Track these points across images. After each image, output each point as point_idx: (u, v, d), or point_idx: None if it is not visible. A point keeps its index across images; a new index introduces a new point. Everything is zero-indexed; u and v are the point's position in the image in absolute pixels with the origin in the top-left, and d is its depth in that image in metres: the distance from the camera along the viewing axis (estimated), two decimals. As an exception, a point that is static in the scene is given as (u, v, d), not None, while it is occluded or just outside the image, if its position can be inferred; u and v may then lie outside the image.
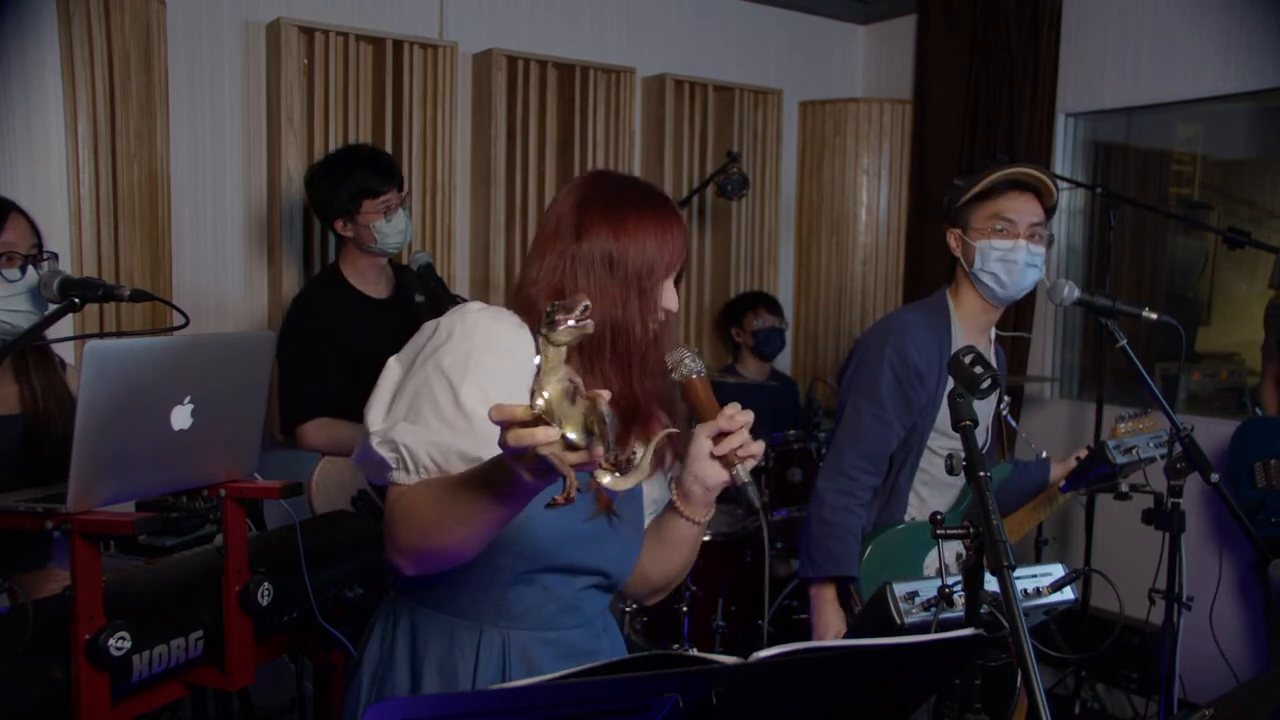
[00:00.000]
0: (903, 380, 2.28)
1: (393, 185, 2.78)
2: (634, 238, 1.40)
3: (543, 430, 1.02)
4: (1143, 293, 4.25)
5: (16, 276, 1.90)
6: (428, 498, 1.27)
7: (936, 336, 2.33)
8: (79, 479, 1.47)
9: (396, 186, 2.79)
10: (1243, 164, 4.31)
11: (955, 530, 1.51)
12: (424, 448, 1.30)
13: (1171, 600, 2.33)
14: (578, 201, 1.43)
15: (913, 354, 2.29)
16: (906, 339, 2.31)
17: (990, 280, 2.31)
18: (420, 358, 1.38)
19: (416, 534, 1.27)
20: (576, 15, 4.03)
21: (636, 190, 1.46)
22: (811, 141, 4.67)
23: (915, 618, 1.76)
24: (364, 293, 2.84)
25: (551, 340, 1.03)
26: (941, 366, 2.28)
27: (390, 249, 2.81)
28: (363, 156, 2.83)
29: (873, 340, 2.36)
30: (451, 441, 1.30)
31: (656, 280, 1.42)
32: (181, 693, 1.77)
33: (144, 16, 2.96)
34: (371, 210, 2.74)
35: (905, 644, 0.98)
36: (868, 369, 2.32)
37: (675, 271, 1.46)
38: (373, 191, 2.74)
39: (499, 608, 1.40)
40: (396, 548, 1.30)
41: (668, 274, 1.44)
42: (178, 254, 3.24)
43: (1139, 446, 2.61)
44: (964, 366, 1.66)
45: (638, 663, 0.90)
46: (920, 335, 2.32)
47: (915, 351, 2.29)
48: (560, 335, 1.03)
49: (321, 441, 2.70)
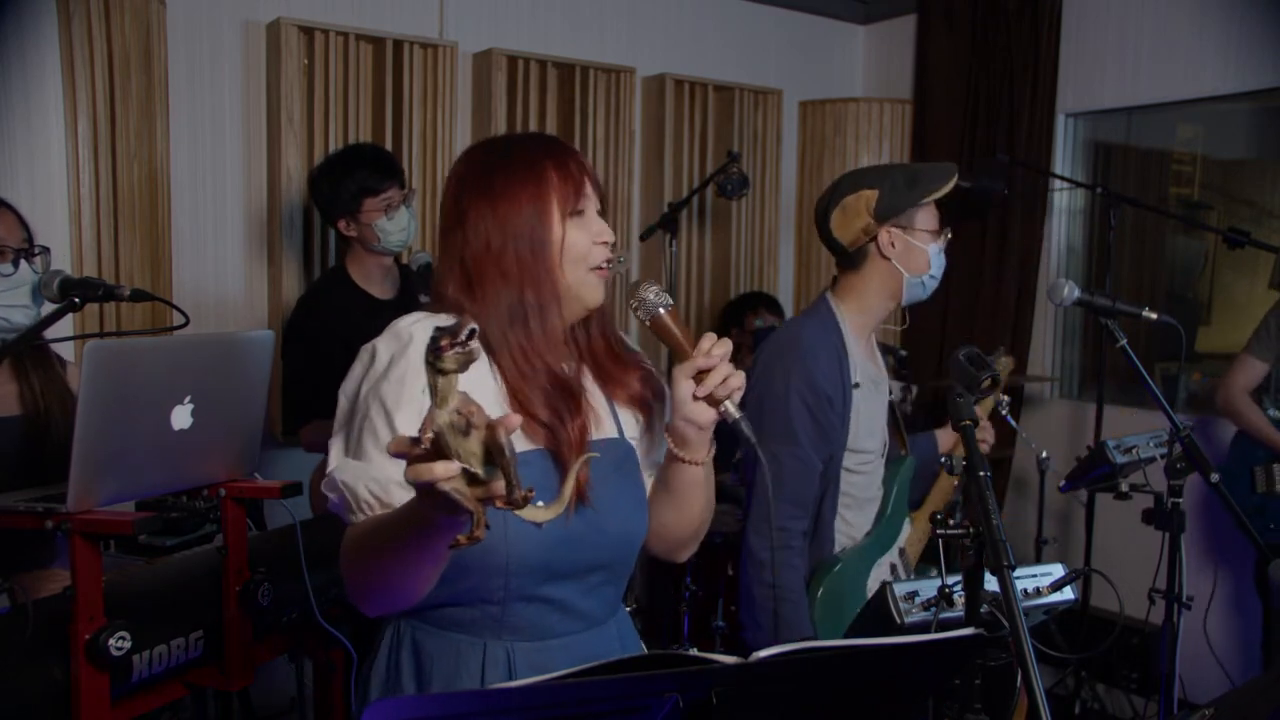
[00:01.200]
0: (815, 411, 2.10)
1: (393, 183, 2.77)
2: (511, 204, 1.35)
3: (440, 465, 0.95)
4: (1143, 293, 4.25)
5: (9, 271, 1.90)
6: (362, 538, 1.24)
7: (835, 351, 2.17)
8: (79, 479, 1.47)
9: (397, 184, 2.79)
10: (1243, 164, 4.31)
11: (955, 530, 1.51)
12: (363, 484, 1.26)
13: (1171, 600, 2.33)
14: (454, 189, 1.41)
15: (820, 379, 2.11)
16: (810, 364, 2.12)
17: (928, 285, 2.21)
18: (362, 387, 1.33)
19: (359, 574, 1.25)
20: (576, 15, 4.03)
21: (507, 150, 1.41)
22: (811, 141, 4.67)
23: (915, 618, 1.76)
24: (370, 293, 2.83)
25: (438, 368, 0.97)
26: (844, 382, 2.16)
27: (393, 247, 2.80)
28: (363, 155, 2.83)
29: (774, 372, 2.15)
30: (391, 473, 1.24)
31: (549, 234, 1.35)
32: (181, 693, 1.77)
33: (144, 16, 2.96)
34: (373, 208, 2.74)
35: (905, 644, 0.98)
36: (776, 407, 2.11)
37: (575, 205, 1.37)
38: (373, 189, 2.73)
39: (499, 623, 1.35)
40: (349, 589, 1.28)
41: (567, 214, 1.36)
42: (178, 254, 3.24)
43: (1139, 446, 2.61)
44: (964, 366, 1.66)
45: (638, 663, 0.90)
46: (822, 356, 2.14)
47: (821, 375, 2.12)
48: (446, 363, 0.96)
49: (322, 442, 2.71)
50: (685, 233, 4.24)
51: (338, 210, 2.76)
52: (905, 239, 2.18)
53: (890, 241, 2.18)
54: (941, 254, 2.22)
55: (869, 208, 2.18)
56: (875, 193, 2.18)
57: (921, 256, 2.19)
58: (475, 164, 1.40)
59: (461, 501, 0.97)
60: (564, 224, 1.36)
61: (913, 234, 2.19)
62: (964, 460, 1.47)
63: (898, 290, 2.22)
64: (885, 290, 2.22)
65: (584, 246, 1.37)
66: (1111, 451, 2.66)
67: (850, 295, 2.25)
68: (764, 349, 2.24)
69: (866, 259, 2.21)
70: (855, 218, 2.19)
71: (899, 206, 2.17)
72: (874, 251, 2.20)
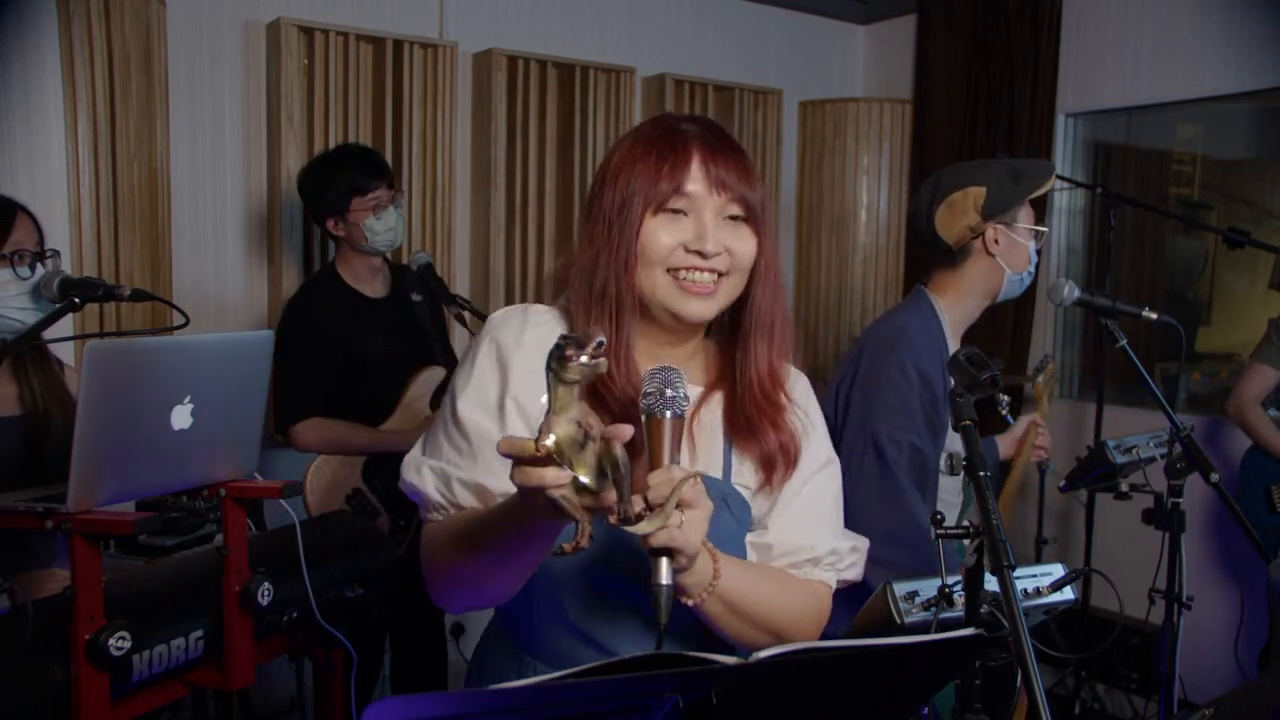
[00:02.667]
0: (924, 401, 2.07)
1: (381, 182, 2.78)
2: (620, 172, 1.23)
3: (552, 471, 0.94)
4: (1143, 293, 4.25)
5: (28, 274, 1.92)
6: (448, 536, 1.21)
7: (937, 345, 2.16)
8: (79, 479, 1.47)
9: (385, 184, 2.79)
10: (1243, 164, 4.31)
11: (955, 530, 1.51)
12: (431, 483, 1.23)
13: (1171, 600, 2.33)
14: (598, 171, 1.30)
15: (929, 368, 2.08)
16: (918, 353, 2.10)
17: (1025, 281, 2.22)
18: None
19: (443, 569, 1.21)
20: (576, 15, 4.03)
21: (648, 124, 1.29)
22: (811, 141, 4.67)
23: (915, 618, 1.76)
24: (360, 292, 2.84)
25: (561, 379, 0.93)
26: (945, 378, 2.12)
27: (381, 247, 2.80)
28: (351, 155, 2.85)
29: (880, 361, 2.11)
30: (454, 469, 1.21)
31: (633, 213, 1.20)
32: (181, 693, 1.77)
33: (144, 16, 2.96)
34: (360, 207, 2.74)
35: (905, 644, 0.98)
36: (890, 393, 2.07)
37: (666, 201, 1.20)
38: (360, 188, 2.74)
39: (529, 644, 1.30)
40: (429, 587, 1.25)
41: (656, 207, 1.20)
42: (178, 254, 3.24)
43: (1139, 446, 2.61)
44: (964, 366, 1.65)
45: (638, 663, 0.90)
46: (925, 349, 2.11)
47: (930, 366, 2.09)
48: (570, 373, 0.93)
49: (315, 441, 2.71)
50: (685, 233, 4.24)
51: (326, 210, 2.78)
52: (1010, 235, 2.18)
53: (995, 238, 2.18)
54: (1034, 250, 2.23)
55: (977, 205, 2.17)
56: (983, 190, 2.17)
57: (1023, 253, 2.20)
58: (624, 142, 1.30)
59: (569, 509, 0.96)
60: (645, 216, 1.21)
61: (1016, 231, 2.18)
62: (964, 460, 1.47)
63: (997, 287, 2.22)
64: (985, 287, 2.23)
65: (661, 248, 1.21)
66: (1111, 451, 2.65)
67: (949, 291, 2.24)
68: (868, 341, 2.21)
69: (969, 256, 2.21)
70: (962, 215, 2.18)
71: (1007, 204, 2.16)
72: (979, 248, 2.20)
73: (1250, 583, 3.40)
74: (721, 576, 1.14)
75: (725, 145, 1.24)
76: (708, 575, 1.13)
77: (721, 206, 1.23)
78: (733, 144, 1.26)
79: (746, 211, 1.24)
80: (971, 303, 2.25)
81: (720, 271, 1.23)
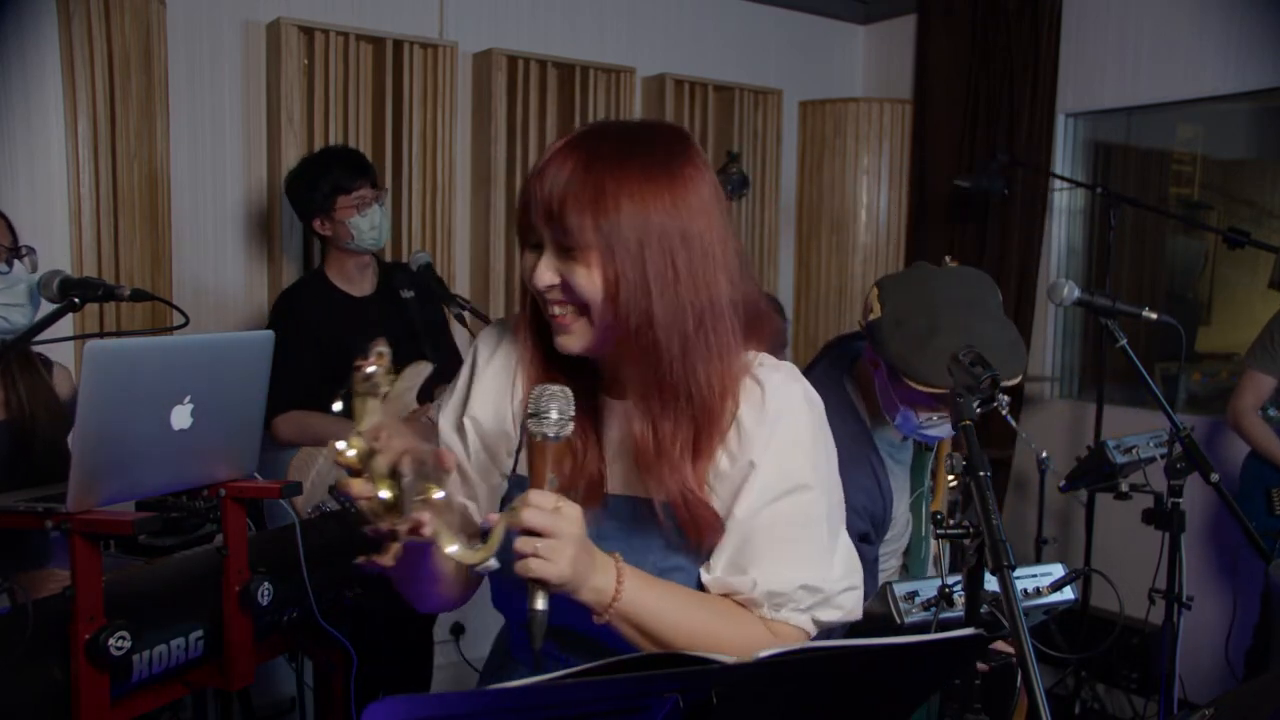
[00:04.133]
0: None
1: (365, 181, 2.82)
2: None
3: (357, 483, 0.98)
4: (1143, 293, 4.25)
5: (5, 270, 1.92)
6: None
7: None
8: (79, 479, 1.47)
9: (369, 183, 2.83)
10: (1243, 164, 4.31)
11: (955, 530, 1.51)
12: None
13: (1171, 600, 2.33)
14: None
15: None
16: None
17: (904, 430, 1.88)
18: None
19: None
20: (576, 15, 4.03)
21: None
22: (811, 141, 4.67)
23: (915, 618, 1.76)
24: (347, 291, 2.88)
25: (354, 391, 1.00)
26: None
27: (367, 244, 2.84)
28: (333, 155, 2.91)
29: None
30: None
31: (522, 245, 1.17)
32: (181, 693, 1.77)
33: (144, 16, 2.96)
34: (345, 206, 2.79)
35: (905, 644, 0.98)
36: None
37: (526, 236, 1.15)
38: (344, 187, 2.79)
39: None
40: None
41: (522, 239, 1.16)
42: (178, 254, 3.24)
43: (1139, 446, 2.61)
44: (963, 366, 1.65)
45: (638, 663, 0.90)
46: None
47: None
48: (357, 386, 0.99)
49: (293, 433, 2.76)
50: (685, 233, 4.24)
51: (313, 210, 2.82)
52: (879, 376, 1.85)
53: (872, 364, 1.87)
54: (924, 422, 1.83)
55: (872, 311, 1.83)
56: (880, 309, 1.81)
57: (886, 404, 1.85)
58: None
59: (372, 520, 0.99)
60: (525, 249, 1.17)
61: (879, 376, 1.85)
62: (964, 460, 1.47)
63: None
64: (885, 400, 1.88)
65: (529, 283, 1.16)
66: (1111, 451, 2.66)
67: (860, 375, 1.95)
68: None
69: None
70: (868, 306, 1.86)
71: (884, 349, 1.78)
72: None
73: (1244, 584, 3.40)
74: (621, 598, 1.09)
75: (573, 167, 1.11)
76: (607, 595, 1.08)
77: (553, 237, 1.12)
78: (592, 164, 1.11)
79: (571, 242, 1.10)
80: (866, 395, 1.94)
81: (569, 303, 1.14)
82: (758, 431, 1.17)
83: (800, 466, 1.18)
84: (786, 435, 1.18)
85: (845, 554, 1.24)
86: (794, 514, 1.18)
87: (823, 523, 1.20)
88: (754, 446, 1.17)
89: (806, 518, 1.19)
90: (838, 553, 1.22)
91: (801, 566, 1.18)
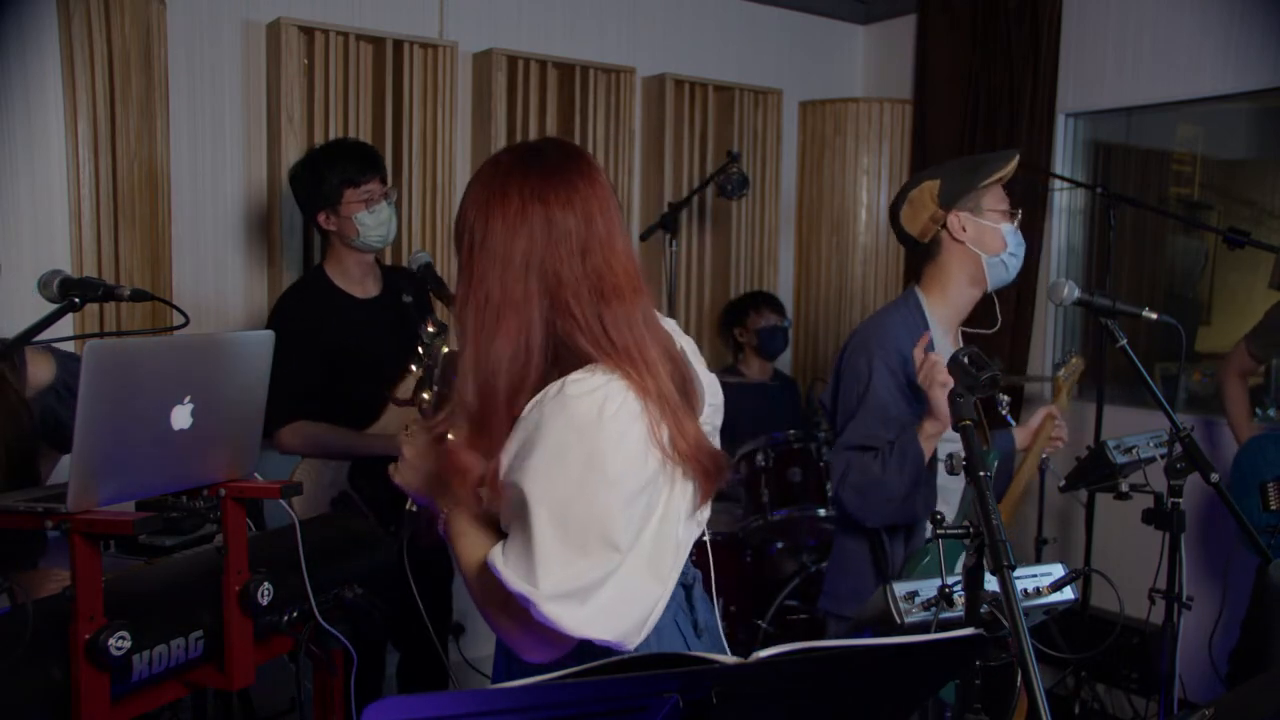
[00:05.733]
0: (901, 390, 2.19)
1: (374, 175, 2.74)
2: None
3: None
4: (1143, 293, 4.25)
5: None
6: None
7: (914, 337, 2.22)
8: (79, 479, 1.47)
9: (379, 178, 2.76)
10: (1243, 164, 4.31)
11: (955, 530, 1.51)
12: None
13: (1171, 600, 2.33)
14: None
15: (907, 362, 2.17)
16: (895, 347, 2.20)
17: (1010, 264, 2.28)
18: None
19: None
20: (576, 15, 4.03)
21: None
22: (811, 141, 4.67)
23: (915, 618, 1.76)
24: (349, 293, 2.80)
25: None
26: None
27: (373, 242, 2.76)
28: (344, 146, 2.82)
29: (859, 359, 2.24)
30: None
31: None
32: (181, 693, 1.77)
33: (144, 16, 2.96)
34: (353, 200, 2.70)
35: (905, 644, 0.98)
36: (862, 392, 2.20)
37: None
38: (353, 180, 2.70)
39: None
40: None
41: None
42: (178, 254, 3.24)
43: (1139, 446, 2.61)
44: (963, 366, 1.66)
45: (638, 663, 0.90)
46: (906, 342, 2.20)
47: (908, 359, 2.17)
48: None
49: (298, 444, 2.69)
50: (685, 233, 4.24)
51: (318, 203, 2.73)
52: (975, 221, 2.24)
53: (961, 225, 2.25)
54: (1018, 233, 2.28)
55: (933, 196, 2.25)
56: (937, 183, 2.26)
57: (995, 236, 2.25)
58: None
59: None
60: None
61: (981, 214, 2.25)
62: (964, 460, 1.48)
63: (979, 274, 2.27)
64: (965, 275, 2.27)
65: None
66: (1111, 451, 2.65)
67: (933, 285, 2.31)
68: (851, 341, 2.31)
69: (941, 246, 2.28)
70: (922, 209, 2.27)
71: (962, 190, 2.23)
72: (946, 238, 2.27)
73: (1233, 581, 3.38)
74: (445, 519, 1.37)
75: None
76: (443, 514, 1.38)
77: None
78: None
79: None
80: (956, 292, 2.30)
81: None
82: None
83: (529, 459, 1.26)
84: (542, 431, 1.27)
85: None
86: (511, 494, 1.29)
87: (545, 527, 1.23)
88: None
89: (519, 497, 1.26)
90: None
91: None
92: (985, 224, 2.25)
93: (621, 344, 1.27)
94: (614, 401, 1.23)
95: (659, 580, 1.27)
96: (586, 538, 1.21)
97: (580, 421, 1.22)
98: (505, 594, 1.24)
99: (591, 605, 1.21)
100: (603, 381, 1.25)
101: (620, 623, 1.22)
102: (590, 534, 1.21)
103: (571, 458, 1.22)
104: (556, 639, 1.23)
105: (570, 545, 1.21)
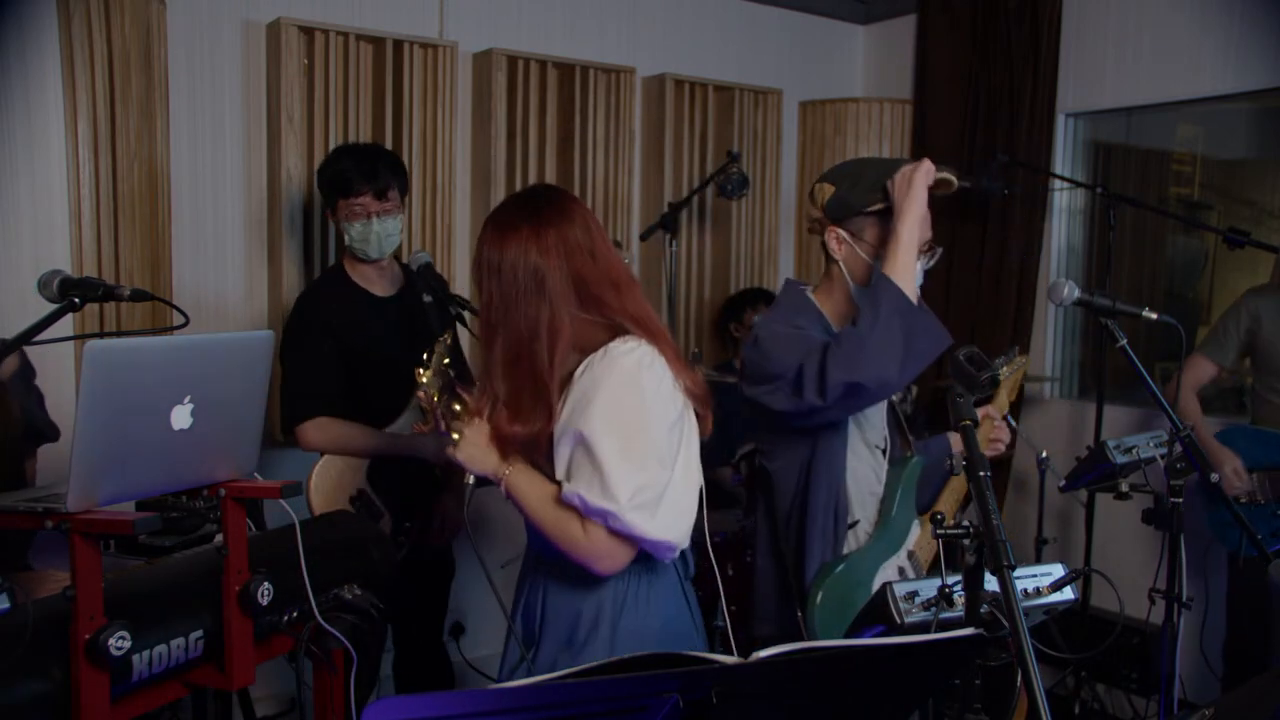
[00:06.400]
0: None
1: (367, 188, 2.64)
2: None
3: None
4: (1143, 293, 4.25)
5: None
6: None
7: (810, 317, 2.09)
8: (79, 479, 1.47)
9: (373, 192, 2.65)
10: (1243, 164, 4.31)
11: (955, 530, 1.51)
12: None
13: (1171, 600, 2.33)
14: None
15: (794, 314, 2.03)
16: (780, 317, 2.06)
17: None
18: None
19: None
20: (576, 15, 4.03)
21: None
22: (811, 141, 4.67)
23: (915, 618, 1.76)
24: (368, 291, 2.78)
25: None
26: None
27: (370, 253, 2.71)
28: (350, 153, 2.75)
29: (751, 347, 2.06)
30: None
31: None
32: (181, 693, 1.77)
33: (144, 16, 2.96)
34: (344, 210, 2.67)
35: (905, 644, 0.98)
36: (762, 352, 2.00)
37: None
38: (344, 190, 2.66)
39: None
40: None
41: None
42: (178, 254, 3.24)
43: (1139, 446, 2.61)
44: (964, 366, 1.65)
45: (638, 663, 0.90)
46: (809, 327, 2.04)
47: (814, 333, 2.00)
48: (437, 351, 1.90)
49: (321, 441, 2.68)
50: (685, 233, 4.24)
51: (325, 200, 2.76)
52: (851, 245, 2.04)
53: (837, 243, 2.05)
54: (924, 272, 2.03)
55: (821, 201, 2.04)
56: (832, 188, 2.04)
57: (865, 269, 2.02)
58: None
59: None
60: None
61: (858, 243, 2.03)
62: (964, 460, 1.47)
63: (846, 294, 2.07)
64: (844, 292, 2.08)
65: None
66: (1111, 451, 2.66)
67: (823, 285, 2.14)
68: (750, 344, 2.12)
69: (828, 251, 2.08)
70: (813, 208, 2.08)
71: (845, 210, 2.01)
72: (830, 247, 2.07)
73: (1218, 579, 3.38)
74: (506, 480, 1.67)
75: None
76: (501, 477, 1.69)
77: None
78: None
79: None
80: (843, 298, 2.09)
81: None
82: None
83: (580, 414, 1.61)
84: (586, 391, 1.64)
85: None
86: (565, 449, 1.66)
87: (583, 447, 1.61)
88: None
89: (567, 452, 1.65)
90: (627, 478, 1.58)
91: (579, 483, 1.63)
92: (859, 254, 2.03)
93: (641, 318, 1.66)
94: (648, 357, 1.62)
95: (692, 494, 1.66)
96: (646, 458, 1.57)
97: (628, 373, 1.60)
98: (580, 517, 1.59)
99: (660, 513, 1.58)
100: (636, 344, 1.63)
101: (678, 526, 1.63)
102: (649, 455, 1.58)
103: (627, 400, 1.59)
104: (624, 550, 1.61)
105: (634, 464, 1.56)
